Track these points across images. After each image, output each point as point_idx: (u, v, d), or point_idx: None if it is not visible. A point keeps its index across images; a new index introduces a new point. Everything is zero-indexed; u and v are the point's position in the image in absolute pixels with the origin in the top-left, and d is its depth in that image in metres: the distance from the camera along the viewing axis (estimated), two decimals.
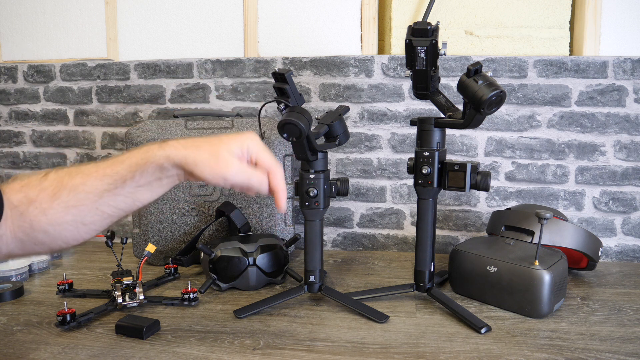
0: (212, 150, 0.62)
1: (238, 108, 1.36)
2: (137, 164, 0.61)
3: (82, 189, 0.60)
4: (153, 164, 0.61)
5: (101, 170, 0.61)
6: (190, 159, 0.61)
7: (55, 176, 0.61)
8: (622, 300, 0.98)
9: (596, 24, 1.23)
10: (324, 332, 0.84)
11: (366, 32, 1.31)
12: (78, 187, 0.60)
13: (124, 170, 0.61)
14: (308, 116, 0.85)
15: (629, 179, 1.24)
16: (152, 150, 0.62)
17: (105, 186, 0.61)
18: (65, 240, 0.62)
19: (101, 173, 0.61)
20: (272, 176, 0.66)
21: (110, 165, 0.62)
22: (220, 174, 0.62)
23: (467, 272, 0.98)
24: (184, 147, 0.62)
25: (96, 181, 0.61)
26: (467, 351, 0.78)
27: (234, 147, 0.63)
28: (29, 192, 0.60)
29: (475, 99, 0.82)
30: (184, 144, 0.62)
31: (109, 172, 0.61)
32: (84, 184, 0.61)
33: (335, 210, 1.36)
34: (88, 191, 0.60)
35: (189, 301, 0.95)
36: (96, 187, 0.61)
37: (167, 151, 0.61)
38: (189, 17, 1.38)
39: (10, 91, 1.47)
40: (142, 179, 0.62)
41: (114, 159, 0.63)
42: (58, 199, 0.60)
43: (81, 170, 0.62)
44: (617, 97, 1.22)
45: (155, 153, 0.61)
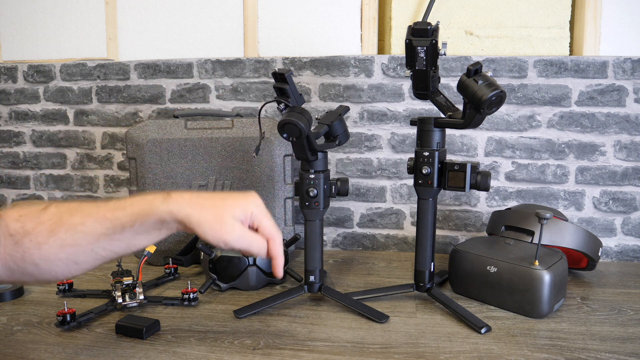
0: (216, 213, 0.62)
1: (238, 108, 1.36)
2: (139, 214, 0.61)
3: (80, 229, 0.60)
4: (155, 217, 0.61)
5: (102, 213, 0.61)
6: (193, 219, 0.61)
7: (56, 211, 0.61)
8: (622, 300, 0.98)
9: (596, 24, 1.23)
10: (324, 332, 0.84)
11: (366, 32, 1.31)
12: (76, 226, 0.60)
13: (125, 218, 0.61)
14: (308, 116, 0.85)
15: (629, 179, 1.24)
16: (156, 202, 0.61)
17: (103, 230, 0.60)
18: (55, 276, 0.62)
19: (101, 216, 0.61)
20: (272, 243, 0.67)
21: (112, 209, 0.61)
22: (222, 238, 0.62)
23: (467, 272, 0.98)
24: (189, 205, 0.62)
25: (95, 223, 0.60)
26: (467, 351, 0.78)
27: (237, 212, 0.64)
28: (26, 223, 0.59)
29: (475, 99, 0.82)
30: (189, 202, 0.62)
31: (110, 217, 0.61)
32: (83, 224, 0.60)
33: (335, 210, 1.36)
34: (86, 232, 0.60)
35: (189, 301, 0.95)
36: (95, 230, 0.60)
37: (171, 206, 0.61)
38: (189, 17, 1.38)
39: (10, 91, 1.48)
40: (141, 228, 0.61)
41: (116, 202, 0.62)
42: (55, 236, 0.59)
43: (82, 209, 0.61)
44: (617, 97, 1.22)
45: (159, 206, 0.61)
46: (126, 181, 1.44)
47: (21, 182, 1.51)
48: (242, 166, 1.19)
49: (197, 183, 1.19)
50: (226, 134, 1.19)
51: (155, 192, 0.64)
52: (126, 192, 1.44)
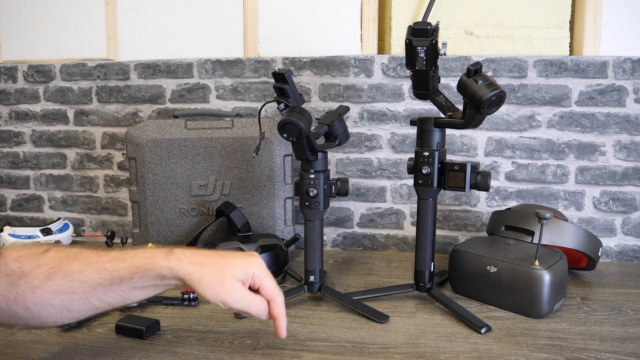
0: (217, 273, 0.62)
1: (238, 108, 1.36)
2: (139, 268, 0.60)
3: (77, 276, 0.59)
4: (154, 272, 0.61)
5: (101, 264, 0.60)
6: (194, 277, 0.61)
7: (55, 255, 0.60)
8: (622, 300, 0.98)
9: (596, 24, 1.23)
10: (324, 332, 0.84)
11: (366, 32, 1.31)
12: (74, 274, 0.59)
13: (124, 270, 0.60)
14: (308, 116, 0.85)
15: (629, 179, 1.24)
16: (157, 258, 0.61)
17: (101, 280, 0.60)
18: (44, 322, 0.61)
19: (100, 266, 0.60)
20: (273, 304, 0.67)
21: (112, 260, 0.61)
22: (221, 299, 0.62)
23: (467, 272, 0.98)
24: (190, 262, 0.61)
25: (94, 273, 0.60)
26: (467, 351, 0.78)
27: (238, 272, 0.63)
28: (25, 264, 0.59)
29: (475, 99, 0.82)
30: (190, 259, 0.62)
31: (109, 267, 0.60)
32: (81, 272, 0.59)
33: (335, 210, 1.36)
34: (83, 280, 0.59)
35: (189, 301, 0.95)
36: (92, 279, 0.59)
37: (172, 263, 0.61)
38: (189, 17, 1.38)
39: (10, 91, 1.47)
40: (139, 282, 0.61)
41: (118, 253, 0.62)
42: (51, 281, 0.58)
43: (82, 256, 0.61)
44: (617, 97, 1.22)
45: (160, 262, 0.61)
46: (126, 181, 1.44)
47: (21, 182, 1.51)
48: (242, 166, 1.19)
49: (197, 183, 1.19)
50: (226, 134, 1.19)
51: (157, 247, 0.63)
52: (126, 192, 1.44)
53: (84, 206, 1.48)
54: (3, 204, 1.53)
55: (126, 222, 1.46)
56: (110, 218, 1.47)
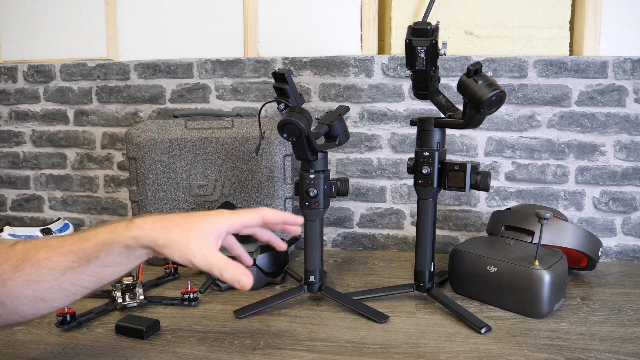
0: (182, 234, 0.61)
1: (238, 108, 1.36)
2: (103, 244, 0.60)
3: (45, 264, 0.58)
4: (119, 245, 0.60)
5: (67, 247, 0.60)
6: (159, 242, 0.60)
7: (23, 247, 0.60)
8: (622, 300, 0.98)
9: (596, 24, 1.23)
10: (324, 332, 0.84)
11: (366, 32, 1.31)
12: (41, 261, 0.58)
13: (89, 249, 0.59)
14: (308, 116, 0.85)
15: (629, 179, 1.24)
16: (119, 230, 0.60)
17: (69, 263, 0.59)
18: (22, 315, 0.60)
19: (66, 250, 0.59)
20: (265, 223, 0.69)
21: (76, 241, 0.60)
22: (188, 259, 0.61)
23: (467, 272, 0.98)
24: (152, 228, 0.61)
25: (60, 257, 0.59)
26: (467, 351, 0.78)
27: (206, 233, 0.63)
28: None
29: (475, 99, 0.82)
30: (152, 225, 0.61)
31: (74, 249, 0.59)
32: (48, 259, 0.59)
33: (335, 210, 1.36)
34: (51, 267, 0.59)
35: (189, 301, 0.95)
36: (59, 264, 0.59)
37: (134, 232, 0.60)
38: (189, 17, 1.38)
39: (10, 91, 1.48)
40: (107, 259, 0.60)
41: (81, 234, 0.61)
42: (20, 271, 0.58)
43: (48, 244, 0.60)
44: (617, 97, 1.22)
45: (122, 234, 0.60)
46: (126, 181, 1.44)
47: (21, 182, 1.51)
48: (242, 166, 1.19)
49: (197, 183, 1.19)
50: (226, 134, 1.19)
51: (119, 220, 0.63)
52: (126, 192, 1.44)
53: (84, 206, 1.48)
54: (3, 204, 1.53)
55: None
56: (110, 218, 1.47)
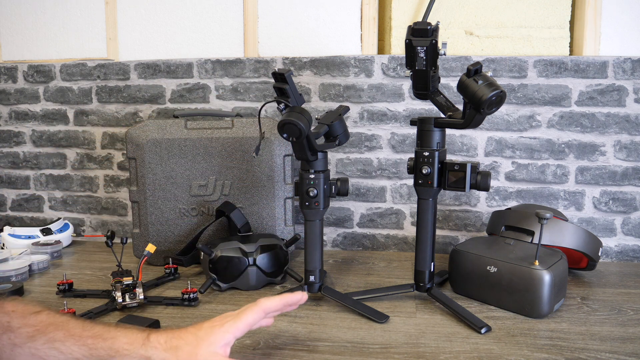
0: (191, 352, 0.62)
1: (238, 108, 1.36)
2: (117, 352, 0.60)
3: (57, 345, 0.59)
4: (131, 358, 0.60)
5: (84, 338, 0.60)
6: None
7: (45, 319, 0.60)
8: (622, 300, 0.98)
9: (596, 24, 1.23)
10: (324, 332, 0.84)
11: (366, 32, 1.31)
12: (56, 342, 0.59)
13: (103, 351, 0.60)
14: (308, 116, 0.85)
15: (629, 179, 1.24)
16: (135, 345, 0.61)
17: (78, 355, 0.59)
18: None
19: (82, 341, 0.60)
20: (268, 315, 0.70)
21: (94, 336, 0.60)
22: None
23: (467, 272, 0.98)
24: (164, 349, 0.61)
25: (74, 346, 0.59)
26: (467, 351, 0.78)
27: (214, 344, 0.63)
28: (13, 320, 0.58)
29: (475, 99, 0.82)
30: (165, 345, 0.61)
31: (89, 344, 0.60)
32: (62, 342, 0.59)
33: (335, 210, 1.36)
34: (61, 351, 0.59)
35: (189, 301, 0.95)
36: (71, 352, 0.59)
37: (149, 352, 0.61)
38: (189, 17, 1.38)
39: (10, 91, 1.47)
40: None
41: (101, 329, 0.61)
42: (32, 343, 0.58)
43: (69, 326, 0.60)
44: (617, 97, 1.22)
45: (137, 350, 0.60)
46: (126, 181, 1.44)
47: (21, 182, 1.51)
48: (242, 166, 1.19)
49: (197, 183, 1.19)
50: (226, 134, 1.19)
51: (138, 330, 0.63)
52: (126, 192, 1.44)
53: (84, 206, 1.48)
54: (3, 204, 1.53)
55: (126, 222, 1.46)
56: (110, 218, 1.47)
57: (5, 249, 1.24)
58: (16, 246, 1.27)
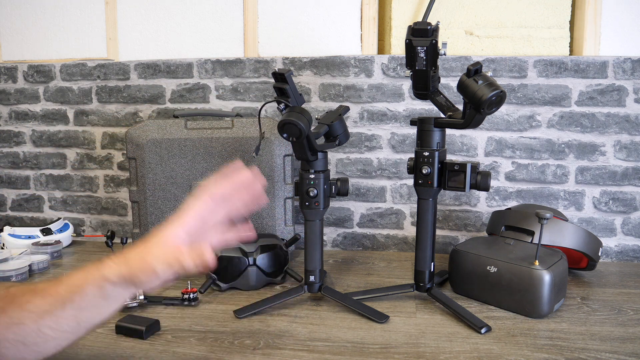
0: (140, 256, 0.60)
1: (238, 108, 1.36)
2: (75, 285, 0.59)
3: (26, 307, 0.58)
4: (91, 286, 0.59)
5: (46, 290, 0.59)
6: (124, 272, 0.59)
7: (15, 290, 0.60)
8: (622, 300, 0.98)
9: (596, 24, 1.23)
10: (324, 332, 0.84)
11: (366, 32, 1.31)
12: (24, 304, 0.58)
13: (64, 292, 0.59)
14: (308, 116, 0.85)
15: (629, 179, 1.24)
16: (90, 271, 0.60)
17: (46, 307, 0.58)
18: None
19: (46, 293, 0.59)
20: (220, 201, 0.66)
21: (54, 284, 0.60)
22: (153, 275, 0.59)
23: (467, 272, 0.98)
24: (117, 263, 0.60)
25: (40, 300, 0.59)
26: (467, 351, 0.78)
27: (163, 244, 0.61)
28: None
29: (475, 99, 0.82)
30: (116, 260, 0.60)
31: (51, 292, 0.59)
32: (29, 302, 0.58)
33: (335, 210, 1.36)
34: (31, 310, 0.58)
35: (189, 301, 0.95)
36: (38, 307, 0.58)
37: (103, 271, 0.59)
38: (189, 17, 1.38)
39: (10, 91, 1.47)
40: (82, 302, 0.59)
41: (61, 277, 0.61)
42: (4, 314, 0.58)
43: (33, 287, 0.60)
44: (617, 97, 1.22)
45: (93, 275, 0.59)
46: (126, 181, 1.44)
47: (21, 182, 1.51)
48: None
49: (197, 183, 1.19)
50: (226, 134, 1.19)
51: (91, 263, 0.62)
52: (126, 192, 1.44)
53: (84, 206, 1.48)
54: (3, 204, 1.53)
55: (126, 222, 1.46)
56: (110, 218, 1.47)
57: (5, 249, 1.24)
58: (16, 246, 1.27)
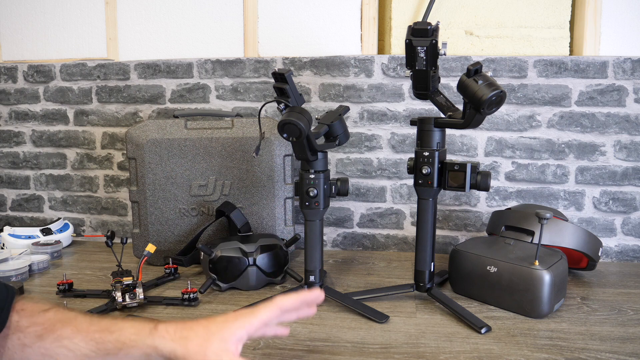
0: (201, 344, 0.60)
1: (238, 108, 1.36)
2: (124, 344, 0.59)
3: (66, 343, 0.58)
4: (140, 351, 0.59)
5: (91, 333, 0.59)
6: (178, 353, 0.59)
7: (52, 316, 0.59)
8: (622, 300, 0.98)
9: (596, 24, 1.23)
10: (324, 332, 0.84)
11: (366, 32, 1.31)
12: (64, 339, 0.58)
13: (110, 344, 0.59)
14: (308, 116, 0.85)
15: (629, 179, 1.24)
16: (142, 335, 0.59)
17: (87, 351, 0.58)
18: None
19: (90, 336, 0.59)
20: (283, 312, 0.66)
21: (100, 330, 0.59)
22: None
23: (467, 272, 0.98)
24: (172, 339, 0.59)
25: (82, 342, 0.58)
26: (467, 351, 0.78)
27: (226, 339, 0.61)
28: (22, 320, 0.58)
29: (475, 99, 0.82)
30: (173, 335, 0.60)
31: (96, 338, 0.59)
32: (70, 339, 0.58)
33: (335, 210, 1.36)
34: (70, 348, 0.58)
35: (189, 301, 0.95)
36: (79, 348, 0.58)
37: (156, 342, 0.59)
38: (189, 17, 1.38)
39: (10, 91, 1.47)
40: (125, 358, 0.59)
41: (107, 323, 0.60)
42: (42, 342, 0.57)
43: (76, 322, 0.60)
44: (617, 97, 1.22)
45: (144, 340, 0.59)
46: (126, 181, 1.44)
47: (21, 182, 1.51)
48: (242, 166, 1.19)
49: (197, 183, 1.19)
50: (226, 134, 1.19)
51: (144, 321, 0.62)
52: (126, 192, 1.44)
53: (84, 206, 1.48)
54: (3, 204, 1.53)
55: (126, 222, 1.46)
56: (110, 218, 1.47)
57: (5, 249, 1.24)
58: (16, 246, 1.27)
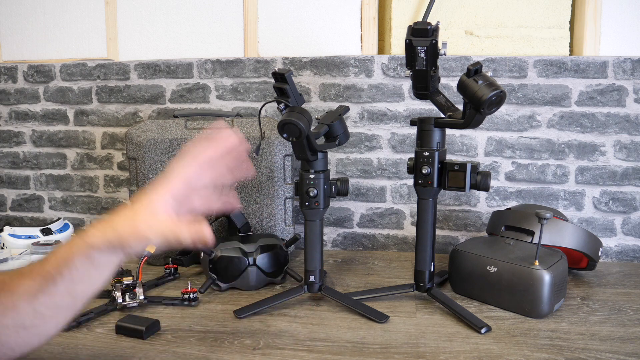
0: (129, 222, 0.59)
1: (238, 108, 1.36)
2: (62, 259, 0.58)
3: (17, 290, 0.57)
4: (78, 257, 0.58)
5: (35, 270, 0.58)
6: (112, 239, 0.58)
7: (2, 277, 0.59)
8: (622, 300, 0.98)
9: (596, 24, 1.23)
10: (324, 332, 0.84)
11: (366, 32, 1.31)
12: (15, 288, 0.57)
13: (52, 268, 0.58)
14: (308, 116, 0.85)
15: (629, 179, 1.24)
16: (74, 242, 0.59)
17: (37, 286, 0.57)
18: (11, 347, 0.58)
19: (35, 272, 0.58)
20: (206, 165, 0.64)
21: (42, 262, 0.59)
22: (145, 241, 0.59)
23: (467, 272, 0.98)
24: (102, 230, 0.59)
25: (30, 281, 0.57)
26: (467, 351, 0.78)
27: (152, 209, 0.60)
28: None
29: (475, 99, 0.82)
30: (102, 227, 0.59)
31: (39, 271, 0.58)
32: (20, 285, 0.58)
33: (335, 210, 1.36)
34: (22, 292, 0.57)
35: (189, 301, 0.95)
36: (30, 288, 0.57)
37: (87, 240, 0.58)
38: (189, 17, 1.38)
39: (10, 91, 1.47)
40: (72, 275, 0.58)
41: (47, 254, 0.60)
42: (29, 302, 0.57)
43: (21, 270, 0.59)
44: (617, 97, 1.22)
45: (77, 245, 0.58)
46: (126, 181, 1.44)
47: (21, 182, 1.51)
48: None
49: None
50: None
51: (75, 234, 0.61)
52: (126, 192, 1.44)
53: (84, 206, 1.48)
54: (3, 204, 1.53)
55: None
56: None
57: (5, 249, 1.24)
58: (16, 246, 1.27)
